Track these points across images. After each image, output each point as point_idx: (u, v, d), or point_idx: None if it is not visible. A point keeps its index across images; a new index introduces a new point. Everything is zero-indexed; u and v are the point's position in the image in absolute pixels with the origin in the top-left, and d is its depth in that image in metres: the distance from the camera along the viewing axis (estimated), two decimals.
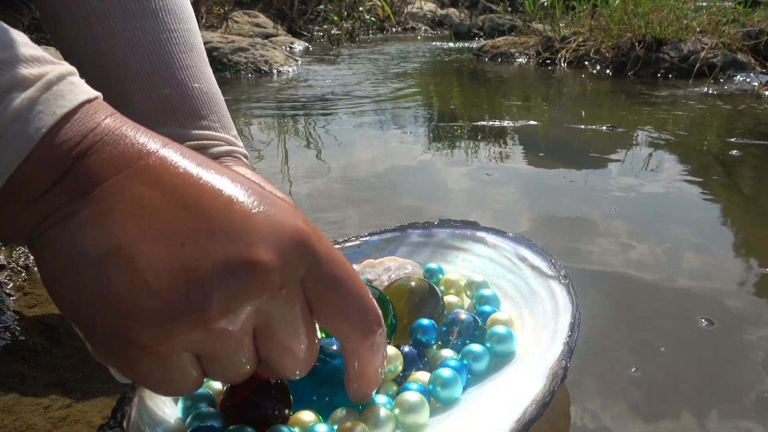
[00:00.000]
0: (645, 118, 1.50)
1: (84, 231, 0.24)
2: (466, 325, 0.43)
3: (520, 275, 0.48)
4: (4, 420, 0.42)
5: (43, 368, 0.49)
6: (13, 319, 0.54)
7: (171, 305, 0.23)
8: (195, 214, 0.25)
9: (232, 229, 0.25)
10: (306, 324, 0.27)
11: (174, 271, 0.24)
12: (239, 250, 0.24)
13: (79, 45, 0.48)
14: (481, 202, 0.90)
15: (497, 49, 2.93)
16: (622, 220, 0.81)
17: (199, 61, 0.50)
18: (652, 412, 0.45)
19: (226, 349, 0.25)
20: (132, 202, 0.24)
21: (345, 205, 0.89)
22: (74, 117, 0.25)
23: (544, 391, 0.34)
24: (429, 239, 0.55)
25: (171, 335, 0.24)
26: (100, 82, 0.48)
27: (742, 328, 0.55)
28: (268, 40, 3.30)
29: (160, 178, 0.25)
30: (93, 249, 0.24)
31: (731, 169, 1.06)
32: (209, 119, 0.48)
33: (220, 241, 0.24)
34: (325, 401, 0.36)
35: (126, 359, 0.24)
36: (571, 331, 0.39)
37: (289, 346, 0.27)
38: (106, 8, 0.47)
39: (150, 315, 0.23)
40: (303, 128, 1.45)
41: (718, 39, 2.16)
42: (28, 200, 0.24)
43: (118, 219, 0.24)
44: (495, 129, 1.41)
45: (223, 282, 0.24)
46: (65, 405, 0.44)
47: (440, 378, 0.38)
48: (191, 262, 0.24)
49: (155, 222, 0.24)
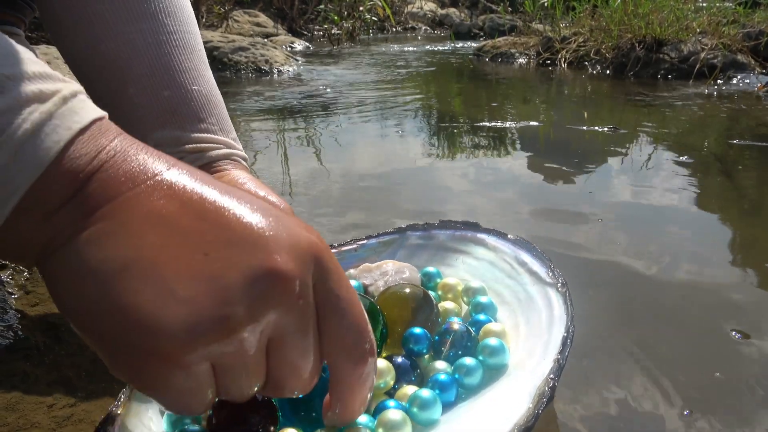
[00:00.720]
0: (645, 119, 1.50)
1: (102, 244, 0.24)
2: (459, 336, 0.42)
3: (519, 281, 0.48)
4: (7, 418, 0.42)
5: (46, 366, 0.49)
6: (16, 318, 0.54)
7: (197, 314, 0.23)
8: (215, 225, 0.25)
9: (253, 239, 0.25)
10: (314, 343, 0.27)
11: (199, 280, 0.24)
12: (262, 259, 0.25)
13: (79, 46, 0.48)
14: (481, 202, 0.91)
15: (497, 50, 2.94)
16: (621, 222, 0.82)
17: (199, 64, 0.50)
18: (654, 413, 0.45)
19: (244, 361, 0.25)
20: (150, 214, 0.24)
21: (345, 207, 0.89)
22: (87, 133, 0.25)
23: (528, 414, 0.34)
24: (428, 241, 0.54)
25: (197, 344, 0.23)
26: (100, 83, 0.48)
27: (742, 330, 0.55)
28: (268, 39, 3.30)
29: (176, 193, 0.25)
30: (113, 261, 0.24)
31: (731, 169, 1.06)
32: (208, 122, 0.48)
33: (243, 250, 0.25)
34: (312, 416, 0.36)
35: (146, 373, 0.24)
36: (563, 346, 0.39)
37: (297, 363, 0.27)
38: (106, 10, 0.47)
39: (176, 324, 0.23)
40: (303, 129, 1.45)
41: (718, 40, 2.17)
42: (40, 217, 0.24)
43: (138, 231, 0.24)
44: (495, 130, 1.41)
45: (248, 290, 0.24)
46: (69, 404, 0.45)
47: (419, 399, 0.37)
48: (216, 272, 0.24)
49: (176, 233, 0.24)
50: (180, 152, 0.45)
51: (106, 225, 0.24)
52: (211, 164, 0.46)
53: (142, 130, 0.46)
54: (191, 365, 0.24)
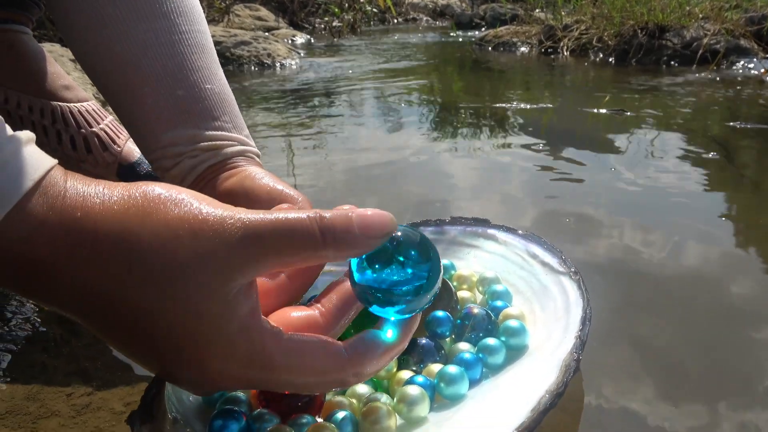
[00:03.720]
0: (648, 105, 1.50)
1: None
2: (480, 319, 0.44)
3: (531, 271, 0.49)
4: (29, 407, 0.44)
5: (64, 358, 0.50)
6: (33, 311, 0.55)
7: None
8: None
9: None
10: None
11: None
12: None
13: (92, 48, 0.49)
14: (488, 189, 0.91)
15: (499, 39, 2.93)
16: (626, 207, 0.82)
17: (211, 63, 0.50)
18: (664, 400, 0.46)
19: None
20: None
21: (351, 197, 0.90)
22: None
23: (557, 381, 0.35)
24: (441, 236, 0.55)
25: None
26: (114, 84, 0.49)
27: (748, 317, 0.56)
28: (269, 33, 3.30)
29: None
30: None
31: (736, 154, 1.07)
32: (222, 120, 0.48)
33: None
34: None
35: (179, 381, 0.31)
36: (583, 325, 0.40)
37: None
38: (118, 12, 0.48)
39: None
40: (307, 120, 1.46)
41: (721, 25, 2.16)
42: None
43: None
44: (499, 116, 1.42)
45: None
46: (87, 393, 0.46)
47: (446, 375, 0.39)
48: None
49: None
50: (195, 150, 0.46)
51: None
52: (226, 161, 0.47)
53: (157, 130, 0.47)
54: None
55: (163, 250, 0.27)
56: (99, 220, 0.27)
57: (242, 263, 0.28)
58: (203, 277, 0.27)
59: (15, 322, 0.53)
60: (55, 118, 0.72)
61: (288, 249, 0.29)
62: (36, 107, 0.71)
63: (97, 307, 0.28)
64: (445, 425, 0.36)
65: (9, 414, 0.42)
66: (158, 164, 0.49)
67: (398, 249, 0.30)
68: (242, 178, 0.45)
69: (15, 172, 0.26)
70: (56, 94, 0.73)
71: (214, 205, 0.29)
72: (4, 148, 0.26)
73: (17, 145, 0.27)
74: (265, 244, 0.28)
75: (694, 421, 0.43)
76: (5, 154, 0.26)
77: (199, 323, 0.28)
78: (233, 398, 0.38)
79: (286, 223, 0.29)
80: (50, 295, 0.28)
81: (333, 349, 0.31)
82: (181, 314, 0.27)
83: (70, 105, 0.73)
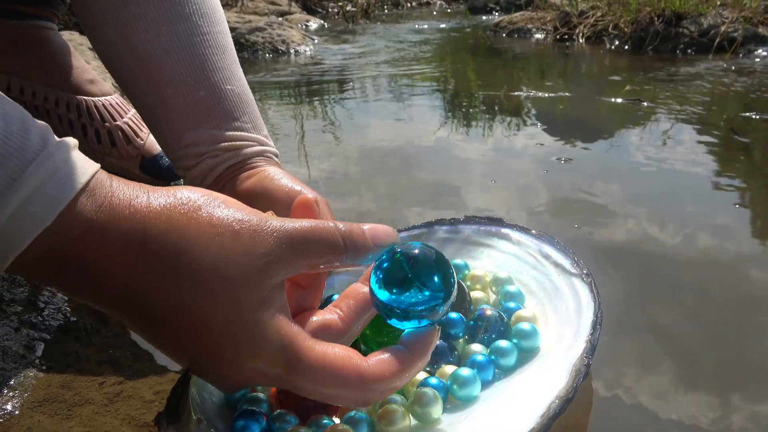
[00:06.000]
0: (664, 94, 1.50)
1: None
2: (493, 320, 0.45)
3: (544, 272, 0.50)
4: (64, 395, 0.46)
5: (95, 347, 0.52)
6: (63, 301, 0.57)
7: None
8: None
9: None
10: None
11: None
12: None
13: (114, 47, 0.51)
14: (501, 177, 0.92)
15: (514, 25, 2.91)
16: (640, 196, 0.83)
17: (231, 63, 0.52)
18: (676, 390, 0.47)
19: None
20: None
21: (363, 187, 0.92)
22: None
23: (567, 387, 0.36)
24: (455, 236, 0.57)
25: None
26: (137, 85, 0.51)
27: (763, 306, 0.57)
28: (283, 18, 3.30)
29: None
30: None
31: (752, 143, 1.07)
32: (242, 120, 0.50)
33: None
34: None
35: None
36: (593, 329, 0.41)
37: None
38: (142, 13, 0.49)
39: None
40: (320, 108, 1.47)
41: (739, 13, 2.13)
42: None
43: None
44: (513, 104, 1.42)
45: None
46: (118, 382, 0.48)
47: (459, 377, 0.40)
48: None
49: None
50: (215, 150, 0.48)
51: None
52: (246, 161, 0.48)
53: (179, 130, 0.49)
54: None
55: (209, 246, 0.30)
56: (147, 217, 0.29)
57: (277, 262, 0.31)
58: (244, 273, 0.30)
59: (47, 312, 0.55)
60: (80, 112, 0.74)
61: (316, 252, 0.32)
62: (62, 101, 0.73)
63: (139, 302, 0.29)
64: (458, 427, 0.37)
65: (46, 401, 0.45)
66: (179, 163, 0.51)
67: (415, 272, 0.33)
68: (261, 179, 0.47)
69: (65, 176, 0.28)
70: (81, 88, 0.74)
71: (248, 211, 0.32)
72: (55, 155, 0.28)
73: (66, 151, 0.29)
74: (297, 247, 0.32)
75: (706, 412, 0.44)
76: (56, 160, 0.28)
77: (239, 316, 0.30)
78: (254, 399, 0.40)
79: (314, 230, 0.32)
80: (94, 291, 0.30)
81: (356, 366, 0.33)
82: (224, 307, 0.30)
83: (94, 99, 0.75)
